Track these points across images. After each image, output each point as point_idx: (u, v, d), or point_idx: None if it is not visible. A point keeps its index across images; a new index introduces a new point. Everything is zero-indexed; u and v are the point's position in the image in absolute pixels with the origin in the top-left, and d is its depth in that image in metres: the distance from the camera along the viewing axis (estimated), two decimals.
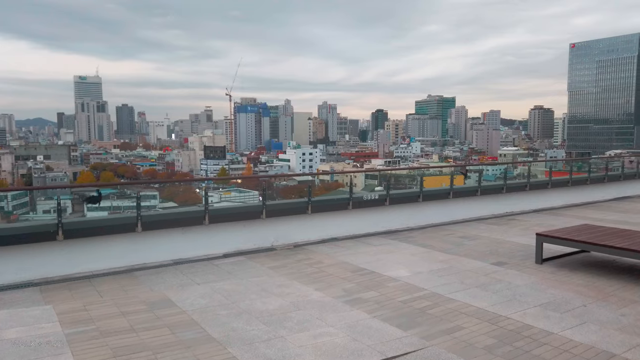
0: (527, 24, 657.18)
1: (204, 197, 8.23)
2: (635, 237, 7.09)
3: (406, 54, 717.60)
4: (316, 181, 22.03)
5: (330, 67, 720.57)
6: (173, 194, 36.70)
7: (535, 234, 7.53)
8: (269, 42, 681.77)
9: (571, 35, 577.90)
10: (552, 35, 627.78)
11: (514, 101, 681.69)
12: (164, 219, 8.27)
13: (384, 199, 10.09)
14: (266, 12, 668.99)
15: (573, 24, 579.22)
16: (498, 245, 8.80)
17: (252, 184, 27.62)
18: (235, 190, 23.27)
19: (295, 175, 45.75)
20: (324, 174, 45.10)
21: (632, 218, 11.47)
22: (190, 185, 35.59)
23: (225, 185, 25.71)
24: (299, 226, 9.19)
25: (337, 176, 27.73)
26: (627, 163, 17.13)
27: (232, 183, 31.19)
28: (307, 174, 61.23)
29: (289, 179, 36.73)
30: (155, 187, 51.43)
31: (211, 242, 8.27)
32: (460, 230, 10.20)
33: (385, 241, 9.19)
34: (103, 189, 10.45)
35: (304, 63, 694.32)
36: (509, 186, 12.26)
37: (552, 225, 10.62)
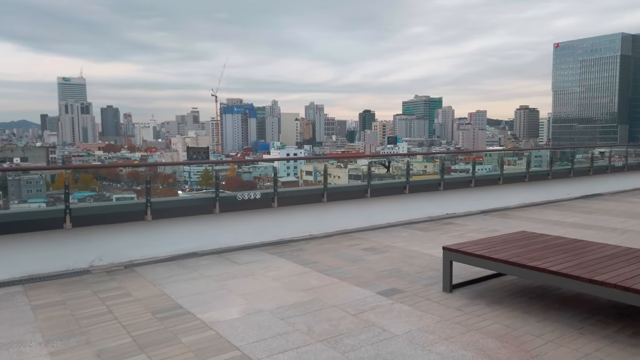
0: (509, 26, 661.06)
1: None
2: (586, 252, 4.77)
3: (393, 55, 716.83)
4: (300, 182, 20.70)
5: (318, 68, 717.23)
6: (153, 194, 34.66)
7: (442, 249, 5.17)
8: (256, 44, 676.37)
9: (553, 37, 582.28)
10: (533, 37, 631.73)
11: (500, 101, 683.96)
12: None
13: (272, 199, 7.67)
14: (253, 14, 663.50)
15: (554, 25, 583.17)
16: (408, 260, 6.44)
17: (236, 184, 25.48)
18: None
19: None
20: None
21: (598, 220, 9.21)
22: (171, 188, 34.03)
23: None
24: (136, 238, 6.74)
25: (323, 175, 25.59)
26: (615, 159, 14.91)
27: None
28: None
29: (272, 180, 34.46)
30: (137, 188, 51.95)
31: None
32: (374, 239, 7.83)
33: (259, 256, 6.77)
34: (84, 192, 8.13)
35: (291, 64, 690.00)
36: (448, 182, 9.92)
37: (494, 231, 8.31)
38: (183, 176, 76.82)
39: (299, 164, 56.84)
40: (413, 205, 9.58)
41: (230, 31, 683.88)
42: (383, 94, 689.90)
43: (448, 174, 14.34)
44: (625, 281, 3.77)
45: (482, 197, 10.59)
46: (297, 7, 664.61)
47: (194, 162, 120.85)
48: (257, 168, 64.28)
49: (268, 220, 7.85)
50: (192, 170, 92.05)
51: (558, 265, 4.29)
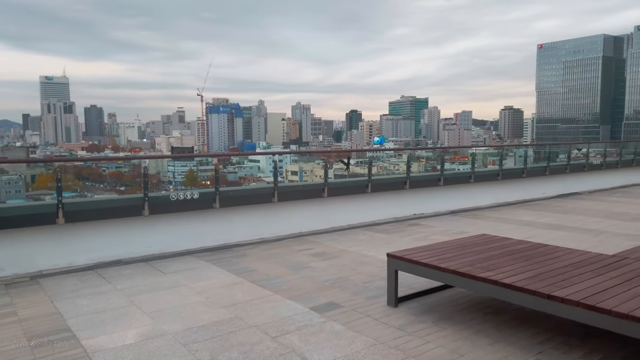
0: (493, 28, 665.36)
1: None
2: (550, 259, 4.09)
3: (378, 56, 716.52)
4: (285, 182, 20.29)
5: (305, 68, 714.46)
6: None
7: (387, 256, 4.46)
8: (243, 44, 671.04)
9: (536, 38, 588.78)
10: (517, 38, 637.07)
11: (485, 102, 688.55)
12: None
13: (213, 199, 6.89)
14: (239, 14, 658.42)
15: (537, 27, 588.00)
16: (358, 268, 5.72)
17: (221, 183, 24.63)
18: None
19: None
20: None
21: (572, 221, 8.61)
22: (154, 188, 34.13)
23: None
24: (50, 245, 5.90)
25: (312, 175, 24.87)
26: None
27: (200, 185, 28.59)
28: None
29: (257, 180, 33.76)
30: (120, 188, 51.69)
31: None
32: (328, 243, 7.10)
33: (192, 264, 5.99)
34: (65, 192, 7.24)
35: (278, 64, 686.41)
36: (414, 180, 9.24)
37: (461, 232, 7.64)
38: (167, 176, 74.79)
39: (284, 164, 54.97)
40: (377, 205, 8.88)
41: (216, 31, 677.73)
42: (370, 94, 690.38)
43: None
44: (591, 297, 3.09)
45: (452, 196, 9.94)
46: (283, 7, 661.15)
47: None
48: (242, 168, 62.58)
49: (211, 222, 7.08)
50: (176, 170, 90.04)
51: (514, 276, 3.60)
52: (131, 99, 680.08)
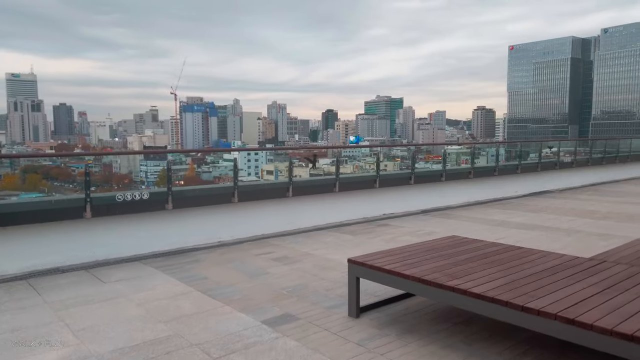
0: (466, 29, 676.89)
1: None
2: (523, 263, 3.75)
3: (354, 56, 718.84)
4: (261, 181, 19.68)
5: (281, 68, 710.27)
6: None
7: (348, 262, 4.04)
8: (217, 42, 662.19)
9: (507, 40, 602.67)
10: (489, 40, 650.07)
11: (458, 102, 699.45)
12: None
13: (165, 200, 6.35)
14: (215, 12, 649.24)
15: (509, 29, 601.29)
16: (320, 273, 5.29)
17: (195, 184, 24.23)
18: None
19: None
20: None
21: (544, 220, 8.40)
22: (124, 188, 33.60)
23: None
24: None
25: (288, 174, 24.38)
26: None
27: (174, 185, 28.67)
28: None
29: (231, 180, 33.02)
30: (92, 189, 54.38)
31: None
32: (291, 245, 6.65)
33: (138, 272, 5.45)
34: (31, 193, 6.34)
35: (253, 63, 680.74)
36: (384, 179, 8.88)
37: (431, 233, 7.31)
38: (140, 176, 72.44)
39: (259, 163, 54.16)
40: (345, 205, 8.48)
41: (191, 29, 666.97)
42: (346, 93, 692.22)
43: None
44: (569, 309, 2.73)
45: (423, 195, 9.63)
46: (259, 6, 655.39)
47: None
48: (217, 167, 61.44)
49: (164, 225, 6.53)
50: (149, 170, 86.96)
51: (485, 284, 3.23)
52: (103, 97, 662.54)
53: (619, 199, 10.77)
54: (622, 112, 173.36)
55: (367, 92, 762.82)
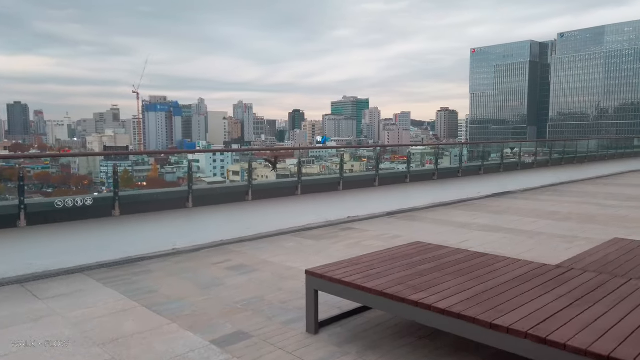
0: (429, 32, 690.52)
1: None
2: (490, 272, 3.56)
3: (320, 56, 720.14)
4: (227, 182, 19.10)
5: (246, 67, 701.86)
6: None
7: (306, 274, 3.75)
8: (181, 40, 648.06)
9: (469, 43, 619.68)
10: (452, 42, 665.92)
11: (422, 103, 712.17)
12: None
13: (112, 206, 5.87)
14: (178, 9, 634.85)
15: (470, 33, 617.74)
16: (279, 283, 4.98)
17: (158, 185, 23.20)
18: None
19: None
20: None
21: (507, 221, 8.37)
22: (86, 190, 31.66)
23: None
24: None
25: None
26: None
27: (136, 186, 27.20)
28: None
29: (197, 180, 32.22)
30: (48, 190, 50.08)
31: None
32: (251, 252, 6.31)
33: (79, 285, 4.98)
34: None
35: (218, 62, 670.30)
36: (348, 180, 8.64)
37: (396, 237, 7.12)
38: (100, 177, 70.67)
39: (225, 163, 53.44)
40: (308, 208, 8.19)
41: (152, 26, 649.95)
42: (312, 94, 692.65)
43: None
44: (540, 326, 2.53)
45: (388, 197, 9.46)
46: (223, 5, 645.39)
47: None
48: (181, 168, 59.40)
49: (112, 233, 6.05)
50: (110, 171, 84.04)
51: (450, 297, 3.00)
52: (60, 96, 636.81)
53: (578, 199, 10.94)
54: (578, 114, 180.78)
55: (333, 93, 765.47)
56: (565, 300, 2.91)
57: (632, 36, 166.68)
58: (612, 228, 7.61)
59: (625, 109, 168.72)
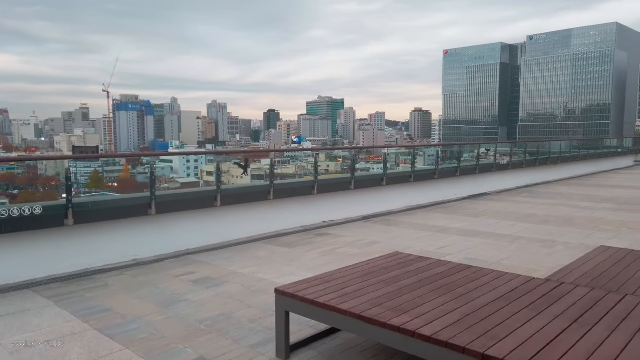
0: (403, 33, 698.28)
1: None
2: (475, 288, 3.28)
3: (295, 56, 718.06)
4: (200, 183, 18.29)
5: (221, 66, 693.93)
6: (29, 200, 30.29)
7: (275, 292, 3.38)
8: (153, 38, 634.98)
9: (442, 45, 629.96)
10: (425, 44, 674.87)
11: (397, 104, 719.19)
12: None
13: (64, 214, 5.36)
14: (149, 7, 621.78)
15: (442, 34, 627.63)
16: (248, 299, 4.59)
17: (129, 186, 22.61)
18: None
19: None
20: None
21: (485, 225, 8.18)
22: (54, 191, 30.77)
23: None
24: None
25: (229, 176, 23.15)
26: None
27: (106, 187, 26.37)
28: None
29: (169, 181, 31.37)
30: (13, 192, 49.41)
31: None
32: (218, 262, 5.89)
33: (22, 304, 4.47)
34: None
35: (192, 61, 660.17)
36: (323, 184, 8.30)
37: (373, 243, 6.82)
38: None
39: (199, 164, 52.05)
40: (281, 213, 7.81)
41: (123, 23, 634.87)
42: (287, 94, 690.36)
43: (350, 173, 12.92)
44: (539, 356, 2.24)
45: (364, 200, 9.17)
46: (198, 3, 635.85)
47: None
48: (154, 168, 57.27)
49: (67, 243, 5.54)
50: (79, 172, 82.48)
51: (436, 320, 2.69)
52: (26, 94, 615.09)
53: (554, 201, 10.91)
54: (546, 115, 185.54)
55: (308, 93, 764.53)
56: (562, 322, 2.64)
57: (597, 39, 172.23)
58: (589, 231, 7.51)
59: (591, 110, 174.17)
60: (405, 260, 4.02)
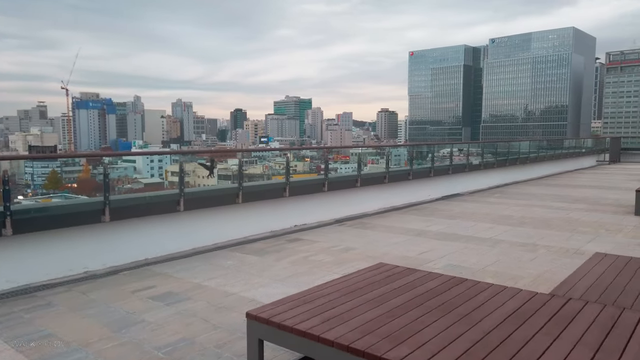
0: (369, 35, 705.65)
1: None
2: (477, 308, 2.89)
3: (262, 55, 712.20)
4: (165, 183, 17.07)
5: (186, 65, 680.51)
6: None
7: (247, 317, 2.89)
8: (115, 35, 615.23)
9: (407, 47, 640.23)
10: (391, 45, 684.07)
11: (364, 104, 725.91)
12: None
13: (2, 223, 4.67)
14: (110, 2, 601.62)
15: (407, 36, 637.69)
16: (214, 317, 4.07)
17: (89, 187, 21.36)
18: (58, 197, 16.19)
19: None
20: None
21: (463, 228, 7.91)
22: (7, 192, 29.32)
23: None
24: None
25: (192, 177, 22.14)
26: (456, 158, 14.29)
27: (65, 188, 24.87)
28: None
29: (133, 181, 29.93)
30: None
31: None
32: (181, 274, 5.32)
33: None
34: None
35: (156, 59, 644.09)
36: (295, 186, 7.82)
37: (348, 249, 6.40)
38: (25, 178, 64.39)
39: (163, 164, 50.11)
40: (250, 217, 7.30)
41: (83, 19, 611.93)
42: (254, 93, 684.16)
43: (319, 172, 12.45)
44: None
45: (337, 202, 8.76)
46: (165, 1, 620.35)
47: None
48: (115, 169, 55.75)
49: (4, 255, 4.85)
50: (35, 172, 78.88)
51: (440, 353, 2.27)
52: None
53: (527, 201, 10.81)
54: (508, 116, 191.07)
55: (275, 92, 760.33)
56: (584, 351, 2.27)
57: (555, 43, 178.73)
58: (568, 233, 7.34)
59: (550, 112, 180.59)
60: (392, 274, 3.61)
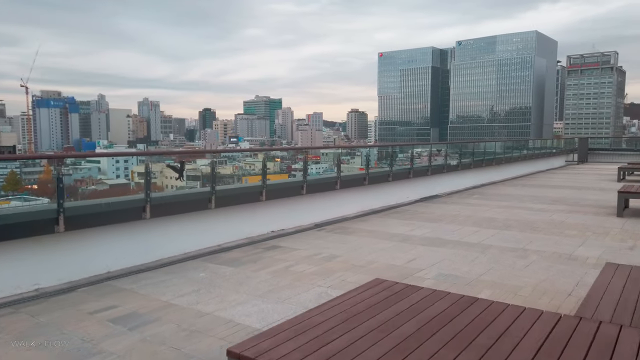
0: (338, 35, 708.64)
1: None
2: (500, 334, 2.48)
3: (231, 55, 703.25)
4: (132, 184, 16.05)
5: (153, 63, 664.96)
6: None
7: (227, 354, 2.38)
8: (78, 31, 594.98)
9: (376, 48, 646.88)
10: (360, 46, 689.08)
11: (334, 104, 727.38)
12: None
13: None
14: None
15: (376, 38, 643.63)
16: (184, 344, 3.53)
17: (51, 188, 20.11)
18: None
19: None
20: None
21: (447, 232, 7.58)
22: None
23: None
24: None
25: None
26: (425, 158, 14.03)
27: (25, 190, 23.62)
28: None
29: (97, 182, 28.52)
30: None
31: None
32: (147, 289, 4.74)
33: None
34: None
35: (121, 57, 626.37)
36: (272, 189, 7.30)
37: (331, 258, 5.95)
38: None
39: (129, 164, 48.02)
40: (224, 223, 6.74)
41: (43, 14, 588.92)
42: (223, 93, 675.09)
43: (290, 172, 11.91)
44: None
45: (316, 206, 8.29)
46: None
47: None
48: (78, 170, 53.71)
49: None
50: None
51: None
52: None
53: (506, 202, 10.63)
54: (474, 117, 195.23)
55: (245, 92, 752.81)
56: None
57: (519, 46, 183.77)
58: (556, 237, 7.11)
59: (514, 113, 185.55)
60: (392, 292, 3.17)
